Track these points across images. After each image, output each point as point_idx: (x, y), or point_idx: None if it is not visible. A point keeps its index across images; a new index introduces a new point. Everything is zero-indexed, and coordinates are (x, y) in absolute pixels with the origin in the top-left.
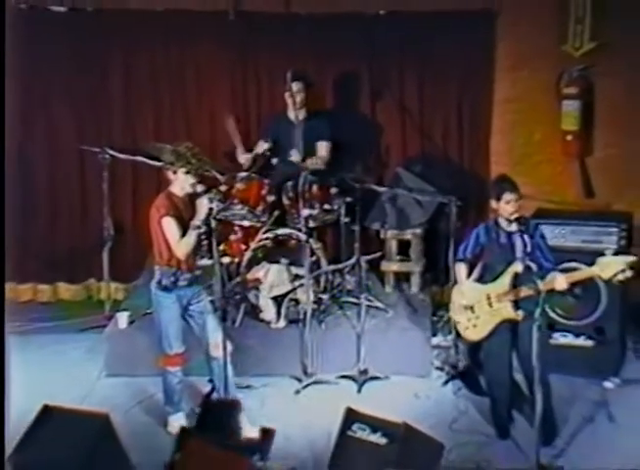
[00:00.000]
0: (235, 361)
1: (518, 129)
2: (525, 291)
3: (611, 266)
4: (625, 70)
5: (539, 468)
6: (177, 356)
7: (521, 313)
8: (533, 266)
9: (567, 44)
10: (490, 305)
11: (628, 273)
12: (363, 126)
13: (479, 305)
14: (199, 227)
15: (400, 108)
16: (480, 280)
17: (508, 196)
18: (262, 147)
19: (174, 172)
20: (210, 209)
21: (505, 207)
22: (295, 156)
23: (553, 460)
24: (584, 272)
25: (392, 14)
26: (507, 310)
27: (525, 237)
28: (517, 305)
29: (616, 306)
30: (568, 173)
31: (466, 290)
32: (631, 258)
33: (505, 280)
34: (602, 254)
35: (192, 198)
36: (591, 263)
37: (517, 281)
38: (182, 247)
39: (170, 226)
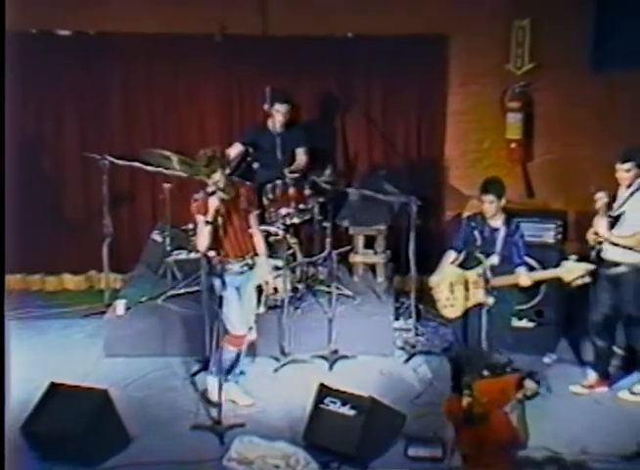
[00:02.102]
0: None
1: (469, 138)
2: (496, 281)
3: (573, 271)
4: (559, 87)
5: None
6: (233, 338)
7: (491, 300)
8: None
9: (509, 64)
10: (467, 289)
11: (587, 279)
12: (334, 135)
13: (457, 288)
14: (210, 223)
15: (367, 119)
16: (461, 266)
17: (484, 197)
18: (237, 149)
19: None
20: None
21: (483, 206)
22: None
23: None
24: (549, 273)
25: (359, 37)
26: (480, 296)
27: (507, 233)
28: (489, 291)
29: (554, 292)
30: (512, 176)
31: (448, 272)
32: (590, 267)
33: (482, 269)
34: (565, 257)
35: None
36: (530, 255)
37: (492, 271)
38: (198, 241)
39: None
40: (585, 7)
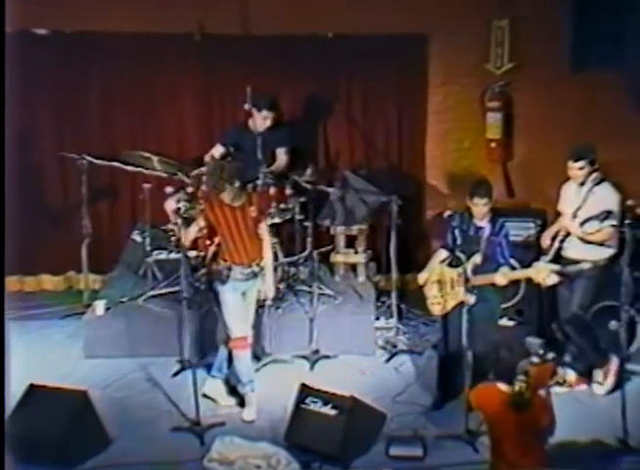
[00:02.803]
0: (202, 344)
1: (450, 137)
2: (475, 280)
3: (542, 272)
4: (538, 87)
5: (467, 433)
6: (239, 340)
7: (472, 298)
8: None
9: (489, 64)
10: (453, 287)
11: (555, 279)
12: (315, 135)
13: (444, 286)
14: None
15: (348, 119)
16: (450, 264)
17: (477, 200)
18: (219, 151)
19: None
20: (178, 208)
21: (474, 208)
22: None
23: (480, 426)
24: (522, 273)
25: (340, 36)
26: (462, 295)
27: (491, 233)
28: (469, 290)
29: (533, 292)
30: (493, 176)
31: (436, 270)
32: (556, 267)
33: (465, 268)
34: (537, 260)
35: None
36: (512, 255)
37: (476, 270)
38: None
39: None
40: (564, 7)
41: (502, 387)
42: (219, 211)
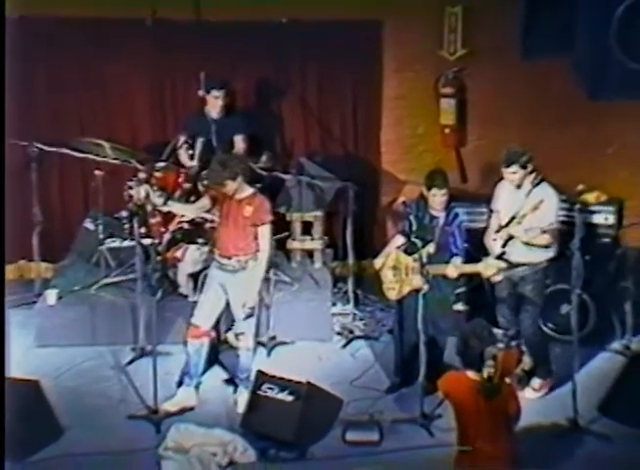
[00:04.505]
0: (157, 331)
1: (404, 123)
2: (431, 270)
3: (490, 268)
4: (491, 73)
5: (423, 416)
6: (192, 328)
7: (426, 285)
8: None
9: (443, 50)
10: (407, 274)
11: (500, 276)
12: (270, 121)
13: (399, 272)
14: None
15: (302, 105)
16: (405, 251)
17: (435, 191)
18: (180, 141)
19: None
20: (130, 196)
21: (432, 198)
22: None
23: (434, 409)
24: (471, 268)
25: (294, 22)
26: (417, 281)
27: (445, 222)
28: (424, 276)
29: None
30: (446, 162)
31: (391, 256)
32: (504, 265)
33: (420, 256)
34: (485, 255)
35: None
36: (466, 240)
37: (430, 259)
38: None
39: None
40: None
41: (471, 374)
42: (221, 196)
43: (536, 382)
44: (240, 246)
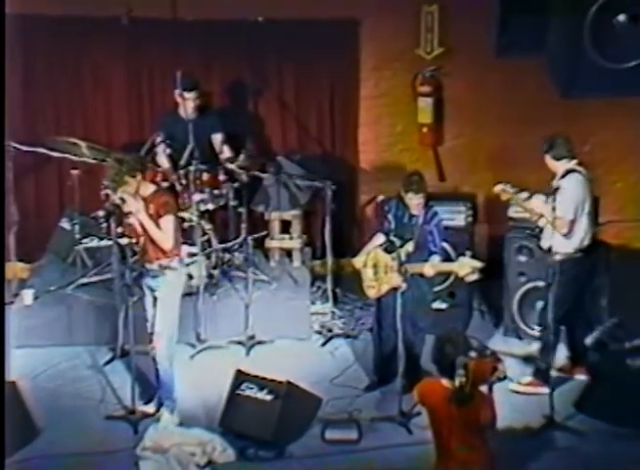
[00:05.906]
0: (135, 331)
1: (382, 122)
2: (409, 268)
3: (464, 267)
4: (468, 72)
5: (401, 414)
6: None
7: (404, 285)
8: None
9: (420, 49)
10: (386, 272)
11: (475, 276)
12: (247, 121)
13: (378, 270)
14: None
15: (280, 104)
16: (385, 250)
17: (411, 195)
18: (157, 140)
19: None
20: (107, 195)
21: (409, 202)
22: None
23: (413, 407)
24: (447, 266)
25: (270, 21)
26: (395, 280)
27: (424, 221)
28: (402, 275)
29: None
30: (424, 160)
31: (371, 254)
32: (478, 264)
33: (398, 254)
34: (462, 254)
35: None
36: (444, 239)
37: (408, 258)
38: None
39: None
40: None
41: (444, 382)
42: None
43: (527, 379)
44: (157, 247)
